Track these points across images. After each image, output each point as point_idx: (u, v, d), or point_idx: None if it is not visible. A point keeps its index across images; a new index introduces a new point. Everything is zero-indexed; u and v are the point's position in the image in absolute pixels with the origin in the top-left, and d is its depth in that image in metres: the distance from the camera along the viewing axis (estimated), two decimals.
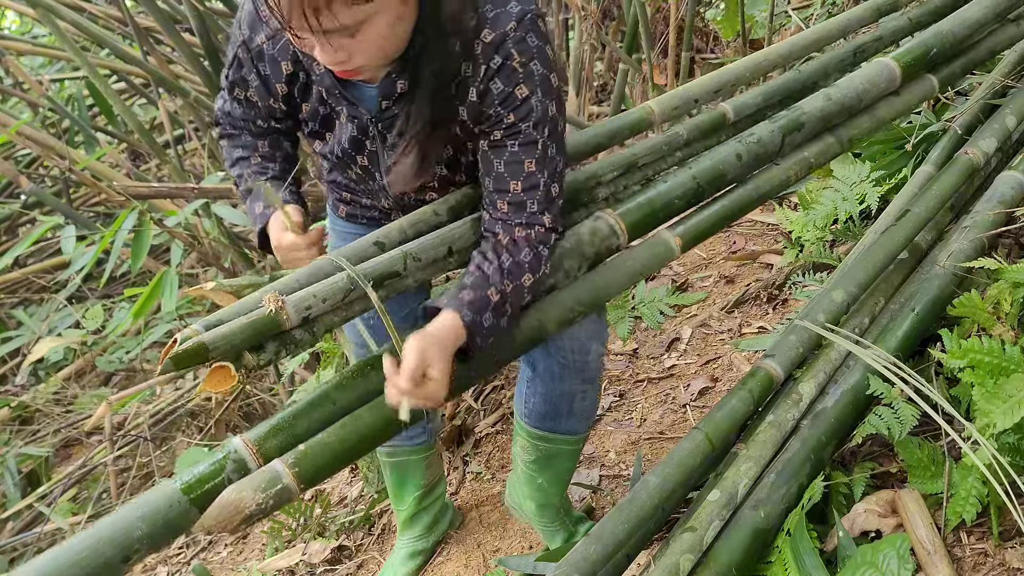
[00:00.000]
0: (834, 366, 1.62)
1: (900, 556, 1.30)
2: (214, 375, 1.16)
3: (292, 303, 1.21)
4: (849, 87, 1.85)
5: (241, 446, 1.22)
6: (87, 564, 1.08)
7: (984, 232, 1.76)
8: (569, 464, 1.82)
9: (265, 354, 1.21)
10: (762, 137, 1.72)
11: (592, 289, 1.50)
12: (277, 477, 1.19)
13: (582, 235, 1.50)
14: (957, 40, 2.05)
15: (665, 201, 1.59)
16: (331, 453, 1.24)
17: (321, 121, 1.43)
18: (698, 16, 3.79)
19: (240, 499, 1.15)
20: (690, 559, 1.36)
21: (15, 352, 4.01)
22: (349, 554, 2.39)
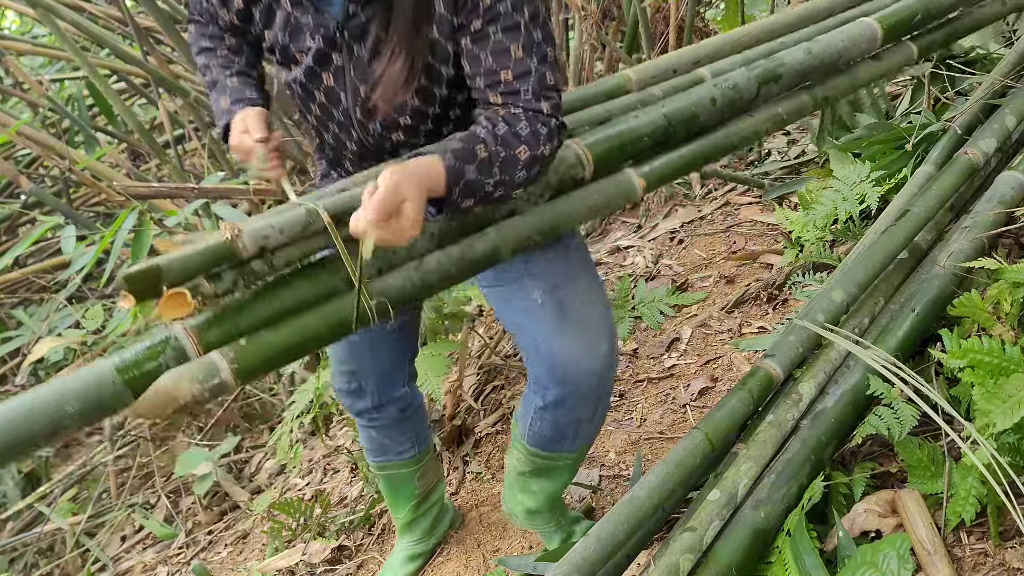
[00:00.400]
0: (834, 366, 1.62)
1: (900, 556, 1.30)
2: (170, 301, 1.15)
3: (249, 232, 1.19)
4: (830, 43, 1.82)
5: (182, 334, 1.19)
6: (15, 431, 1.07)
7: (984, 232, 1.76)
8: (567, 476, 1.79)
9: (223, 283, 1.20)
10: (738, 83, 1.67)
11: (551, 218, 1.47)
12: (215, 370, 1.17)
13: None
14: (943, 8, 2.03)
15: (634, 136, 1.54)
16: (272, 350, 1.22)
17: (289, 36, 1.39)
18: (698, 16, 3.79)
19: (176, 388, 1.13)
20: (690, 559, 1.36)
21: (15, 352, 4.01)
22: (349, 554, 2.39)
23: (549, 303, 1.50)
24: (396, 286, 1.32)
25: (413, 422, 1.96)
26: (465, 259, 1.39)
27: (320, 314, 1.27)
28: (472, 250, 1.39)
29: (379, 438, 1.93)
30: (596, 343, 1.52)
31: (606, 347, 1.53)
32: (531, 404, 1.62)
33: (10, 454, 1.08)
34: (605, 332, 1.54)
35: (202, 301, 1.17)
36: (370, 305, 1.28)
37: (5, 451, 1.07)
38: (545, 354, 1.51)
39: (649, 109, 1.61)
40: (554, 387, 1.54)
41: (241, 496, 3.00)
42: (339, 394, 1.87)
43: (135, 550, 3.00)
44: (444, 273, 1.37)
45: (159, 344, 1.18)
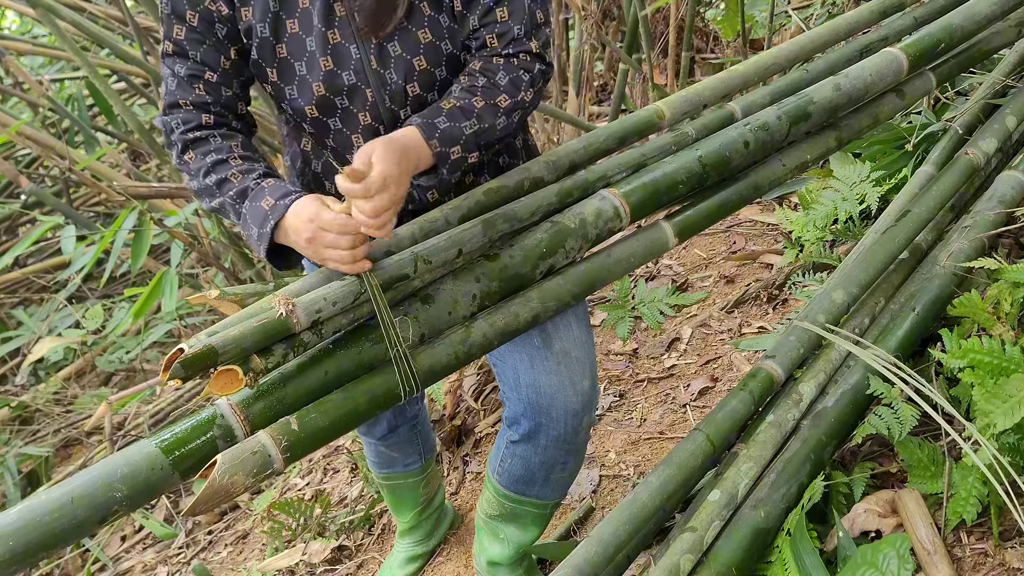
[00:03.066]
0: (834, 366, 1.62)
1: (900, 556, 1.30)
2: (220, 378, 1.14)
3: (302, 305, 1.19)
4: (858, 77, 1.82)
5: (227, 410, 1.19)
6: (64, 520, 1.06)
7: (984, 232, 1.76)
8: (535, 529, 1.72)
9: (273, 357, 1.19)
10: (769, 123, 1.69)
11: (589, 279, 1.48)
12: (268, 461, 1.16)
13: (586, 215, 1.48)
14: (966, 34, 2.03)
15: (670, 184, 1.56)
16: (321, 432, 1.22)
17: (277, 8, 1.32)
18: (698, 16, 3.79)
19: (232, 483, 1.13)
20: (690, 559, 1.36)
21: (15, 352, 4.01)
22: (349, 554, 2.39)
23: (535, 333, 1.47)
24: (441, 359, 1.33)
25: (422, 434, 1.96)
26: (509, 328, 1.40)
27: (366, 387, 1.27)
28: (516, 319, 1.40)
29: (389, 453, 1.92)
30: (578, 379, 1.49)
31: (587, 385, 1.50)
32: (503, 440, 1.59)
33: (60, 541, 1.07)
34: (588, 370, 1.51)
35: (253, 377, 1.16)
36: (415, 376, 1.28)
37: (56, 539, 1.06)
38: (525, 385, 1.48)
39: (683, 153, 1.62)
40: (529, 420, 1.50)
41: (241, 496, 3.00)
42: None
43: (135, 550, 3.00)
44: (486, 344, 1.38)
45: (205, 422, 1.18)
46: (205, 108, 1.35)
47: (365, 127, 1.38)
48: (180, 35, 1.32)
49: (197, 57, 1.33)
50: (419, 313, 1.33)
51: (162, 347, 4.03)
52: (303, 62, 1.33)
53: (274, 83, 1.36)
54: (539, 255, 1.43)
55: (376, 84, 1.35)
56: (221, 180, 1.31)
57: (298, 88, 1.35)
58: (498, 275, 1.40)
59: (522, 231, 1.46)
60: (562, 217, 1.48)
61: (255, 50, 1.34)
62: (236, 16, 1.33)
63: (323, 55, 1.32)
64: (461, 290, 1.37)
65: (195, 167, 1.34)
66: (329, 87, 1.34)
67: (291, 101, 1.37)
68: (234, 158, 1.33)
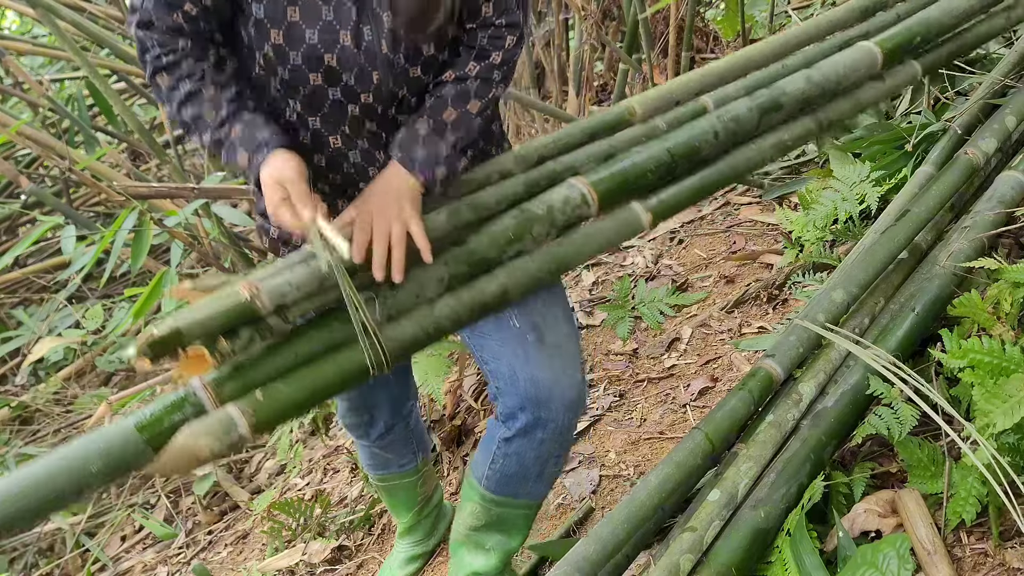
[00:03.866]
0: (834, 366, 1.62)
1: (900, 556, 1.30)
2: (189, 361, 1.19)
3: (267, 290, 1.22)
4: (831, 69, 1.82)
5: (200, 389, 1.22)
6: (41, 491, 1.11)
7: (984, 232, 1.76)
8: (520, 535, 1.69)
9: (240, 340, 1.22)
10: (739, 115, 1.68)
11: (560, 257, 1.48)
12: (232, 424, 1.19)
13: (553, 202, 1.48)
14: (943, 28, 2.03)
15: (638, 172, 1.56)
16: (289, 401, 1.24)
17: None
18: (698, 16, 3.79)
19: (196, 445, 1.16)
20: (690, 559, 1.36)
21: (15, 352, 4.01)
22: (349, 554, 2.39)
23: (528, 329, 1.47)
24: (409, 333, 1.34)
25: (415, 432, 1.95)
26: (476, 303, 1.40)
27: (335, 363, 1.29)
28: (483, 294, 1.40)
29: (383, 454, 1.91)
30: (572, 371, 1.50)
31: (580, 378, 1.51)
32: (493, 440, 1.56)
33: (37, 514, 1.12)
34: (579, 363, 1.53)
35: (220, 357, 1.20)
36: (386, 352, 1.30)
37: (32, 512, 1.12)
38: (523, 379, 1.47)
39: (652, 144, 1.62)
40: (528, 413, 1.49)
41: (241, 496, 3.00)
42: (350, 428, 1.85)
43: (135, 550, 3.00)
44: (456, 318, 1.38)
45: (178, 400, 1.22)
46: (181, 33, 1.31)
47: (364, 105, 1.37)
48: None
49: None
50: (387, 297, 1.33)
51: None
52: (316, 30, 1.29)
53: (276, 45, 1.30)
54: (506, 240, 1.43)
55: (383, 66, 1.34)
56: (196, 116, 1.30)
57: (305, 53, 1.31)
58: (465, 259, 1.40)
59: (489, 219, 1.46)
60: (529, 204, 1.48)
61: (261, 8, 1.28)
62: None
63: (344, 29, 1.29)
64: (428, 275, 1.37)
65: (168, 95, 1.32)
66: (341, 63, 1.32)
67: (293, 67, 1.32)
68: (205, 86, 1.30)
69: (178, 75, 1.31)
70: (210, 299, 1.21)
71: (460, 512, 1.67)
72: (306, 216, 1.23)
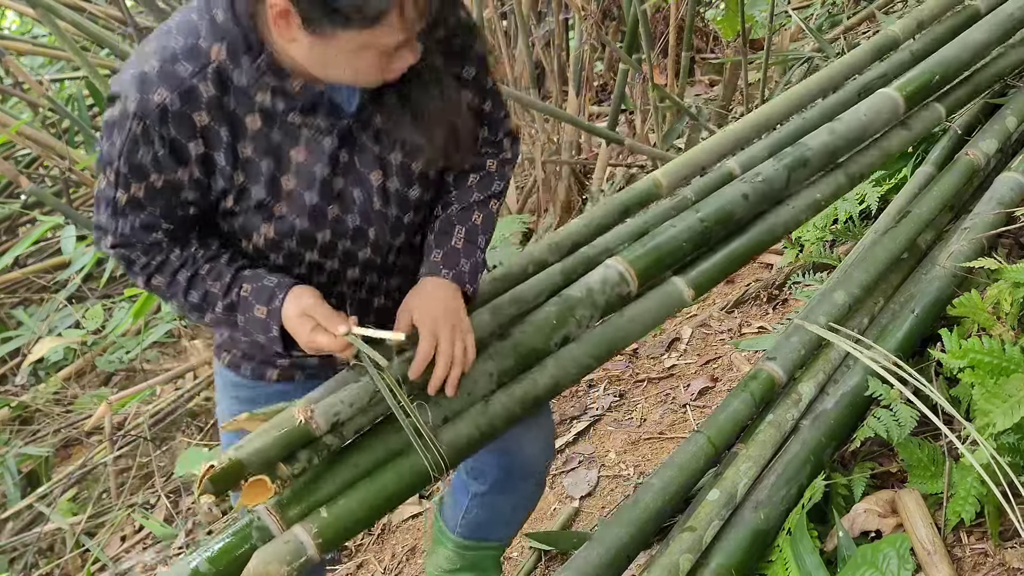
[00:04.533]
0: (833, 366, 1.62)
1: (900, 556, 1.30)
2: (251, 488, 1.20)
3: (321, 411, 1.23)
4: (852, 119, 1.82)
5: (265, 515, 1.24)
6: None
7: (984, 232, 1.76)
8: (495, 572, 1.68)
9: (298, 463, 1.23)
10: (768, 176, 1.68)
11: (607, 341, 1.49)
12: (302, 549, 1.20)
13: (592, 285, 1.49)
14: (961, 65, 2.01)
15: (673, 245, 1.57)
16: (353, 517, 1.25)
17: (272, 169, 1.22)
18: (698, 16, 3.79)
19: (267, 573, 1.17)
20: (689, 559, 1.36)
21: (15, 352, 4.01)
22: (349, 554, 2.40)
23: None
24: (464, 434, 1.34)
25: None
26: (528, 396, 1.40)
27: (395, 472, 1.29)
28: (535, 386, 1.40)
29: None
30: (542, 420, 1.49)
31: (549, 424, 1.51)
32: (464, 494, 1.55)
33: None
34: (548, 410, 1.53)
35: (281, 484, 1.21)
36: (444, 456, 1.30)
37: None
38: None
39: (685, 215, 1.62)
40: (498, 469, 1.48)
41: None
42: None
43: (135, 550, 3.00)
44: (508, 415, 1.38)
45: (244, 528, 1.23)
46: (161, 243, 1.27)
47: (364, 261, 1.34)
48: (139, 192, 1.20)
49: (156, 212, 1.22)
50: (440, 399, 1.32)
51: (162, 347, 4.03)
52: (305, 216, 1.25)
53: (270, 239, 1.27)
54: (551, 327, 1.43)
55: (379, 222, 1.31)
56: (204, 295, 1.27)
57: (298, 239, 1.28)
58: (512, 351, 1.40)
59: (531, 310, 1.47)
60: (569, 290, 1.49)
61: (249, 213, 1.25)
62: (212, 183, 1.22)
63: (330, 204, 1.26)
64: (478, 370, 1.36)
65: (170, 291, 1.29)
66: (336, 233, 1.29)
67: (288, 252, 1.29)
68: (200, 266, 1.27)
69: (172, 270, 1.27)
70: (266, 426, 1.22)
71: (433, 555, 1.66)
72: (341, 330, 1.20)
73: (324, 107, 1.21)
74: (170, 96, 1.13)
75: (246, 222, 1.25)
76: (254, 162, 1.21)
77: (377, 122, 1.25)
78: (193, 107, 1.15)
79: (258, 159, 1.21)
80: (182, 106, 1.14)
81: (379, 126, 1.25)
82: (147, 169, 1.17)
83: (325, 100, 1.20)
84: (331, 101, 1.21)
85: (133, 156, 1.16)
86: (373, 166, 1.27)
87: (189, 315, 1.32)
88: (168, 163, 1.17)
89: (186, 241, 1.28)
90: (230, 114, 1.17)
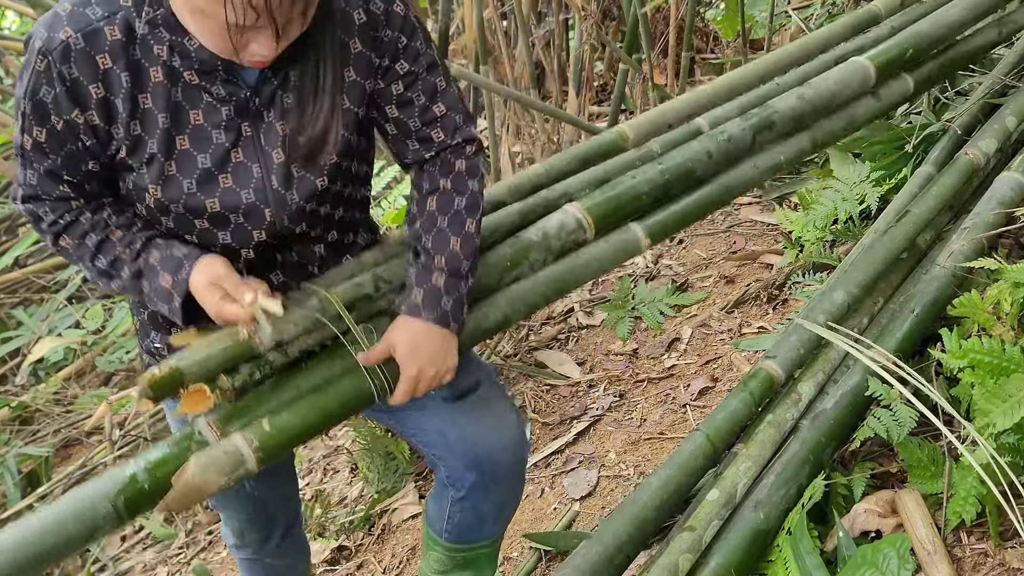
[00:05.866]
0: (833, 366, 1.62)
1: (900, 556, 1.30)
2: (190, 397, 1.21)
3: (266, 328, 1.23)
4: (822, 86, 1.83)
5: (205, 427, 1.24)
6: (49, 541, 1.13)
7: (984, 232, 1.76)
8: (490, 567, 1.66)
9: (239, 375, 1.24)
10: (733, 134, 1.69)
11: (557, 281, 1.49)
12: (241, 459, 1.20)
13: (548, 228, 1.49)
14: (934, 40, 2.03)
15: (632, 195, 1.57)
16: (294, 430, 1.25)
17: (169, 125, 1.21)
18: (698, 16, 3.79)
19: (204, 481, 1.17)
20: (689, 559, 1.36)
21: (15, 352, 4.01)
22: (349, 554, 2.40)
23: (447, 395, 1.44)
24: None
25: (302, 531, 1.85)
26: (479, 329, 1.41)
27: (338, 392, 1.30)
28: (485, 319, 1.41)
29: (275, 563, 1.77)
30: (503, 413, 1.48)
31: (514, 416, 1.49)
32: (445, 499, 1.53)
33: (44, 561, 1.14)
34: (509, 406, 1.51)
35: (220, 394, 1.22)
36: (388, 379, 1.31)
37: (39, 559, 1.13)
38: (455, 440, 1.44)
39: (647, 167, 1.62)
40: (473, 472, 1.46)
41: None
42: (248, 546, 1.74)
43: (135, 550, 3.00)
44: (459, 346, 1.37)
45: (184, 439, 1.23)
46: (69, 199, 1.26)
47: (258, 243, 1.31)
48: (40, 136, 1.19)
49: (58, 161, 1.22)
50: (385, 327, 1.32)
51: None
52: (193, 179, 1.24)
53: (157, 199, 1.25)
54: (503, 268, 1.45)
55: (276, 204, 1.28)
56: (112, 261, 1.26)
57: (185, 204, 1.26)
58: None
59: (486, 248, 1.47)
60: (525, 232, 1.49)
61: (142, 169, 1.23)
62: (112, 132, 1.21)
63: (222, 172, 1.25)
64: None
65: (77, 253, 1.28)
66: (225, 205, 1.26)
67: (176, 215, 1.27)
68: (112, 231, 1.27)
69: (81, 232, 1.27)
70: (211, 338, 1.22)
71: (426, 558, 1.65)
72: (247, 299, 1.19)
73: (220, 71, 1.20)
74: (74, 35, 1.14)
75: (138, 179, 1.24)
76: (152, 114, 1.20)
77: (287, 100, 1.24)
78: (96, 49, 1.15)
79: (157, 111, 1.20)
80: (85, 45, 1.15)
81: (287, 106, 1.24)
82: (48, 109, 1.17)
83: (219, 63, 1.19)
84: (229, 67, 1.20)
85: (35, 95, 1.16)
86: (276, 144, 1.26)
87: (97, 281, 1.32)
88: (67, 104, 1.17)
89: (99, 205, 1.28)
90: (135, 62, 1.18)
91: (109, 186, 1.29)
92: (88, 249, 1.27)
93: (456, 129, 1.35)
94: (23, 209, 1.28)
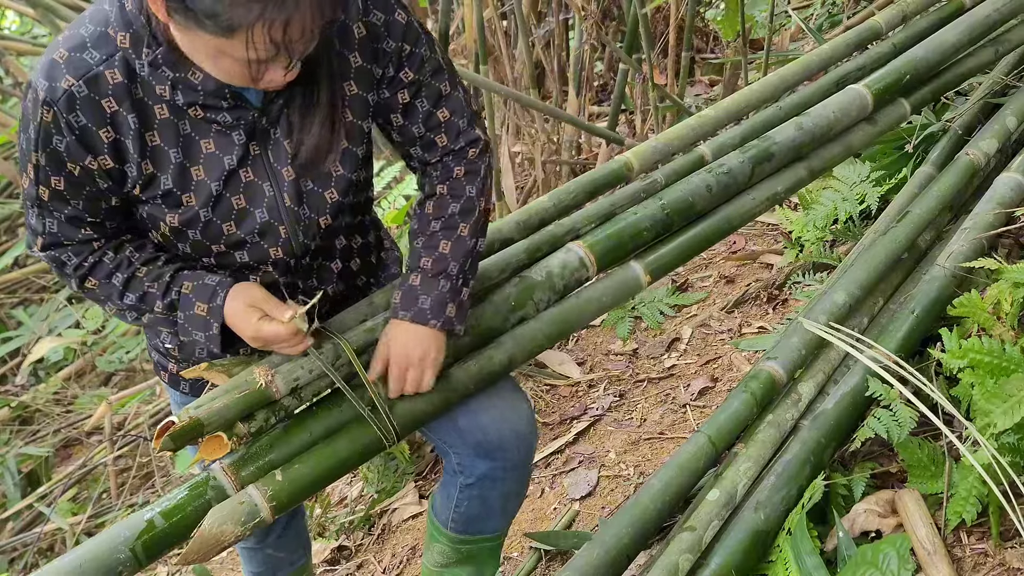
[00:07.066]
0: (834, 366, 1.62)
1: (900, 556, 1.30)
2: (208, 444, 1.25)
3: (282, 375, 1.28)
4: (821, 115, 1.86)
5: (220, 473, 1.28)
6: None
7: (983, 232, 1.76)
8: (493, 564, 1.67)
9: (255, 422, 1.28)
10: (732, 168, 1.73)
11: (562, 321, 1.52)
12: (255, 510, 1.25)
13: (552, 268, 1.53)
14: (930, 66, 2.06)
15: (634, 232, 1.61)
16: (306, 480, 1.30)
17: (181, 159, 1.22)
18: (698, 16, 3.79)
19: (221, 532, 1.23)
20: (689, 559, 1.36)
21: (15, 352, 4.01)
22: (349, 554, 2.40)
23: None
24: (420, 407, 1.37)
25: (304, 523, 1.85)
26: (484, 371, 1.43)
27: (349, 439, 1.34)
28: (491, 362, 1.43)
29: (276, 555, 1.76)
30: (516, 403, 1.49)
31: (526, 406, 1.51)
32: (453, 488, 1.54)
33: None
34: (521, 396, 1.52)
35: (237, 440, 1.27)
36: (395, 427, 1.34)
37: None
38: (467, 430, 1.45)
39: (648, 202, 1.66)
40: (483, 460, 1.47)
41: None
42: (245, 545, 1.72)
43: None
44: (463, 390, 1.41)
45: (199, 485, 1.28)
46: (91, 241, 1.27)
47: (276, 260, 1.33)
48: (59, 185, 1.20)
49: (79, 205, 1.22)
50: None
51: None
52: (209, 207, 1.25)
53: (174, 227, 1.26)
54: (509, 308, 1.48)
55: (290, 221, 1.29)
56: (142, 296, 1.27)
57: (203, 231, 1.27)
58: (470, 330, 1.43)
59: (492, 288, 1.50)
60: (529, 272, 1.52)
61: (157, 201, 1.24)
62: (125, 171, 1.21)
63: (235, 194, 1.25)
64: None
65: (104, 293, 1.29)
66: (241, 226, 1.28)
67: (194, 242, 1.29)
68: (138, 268, 1.27)
69: (106, 272, 1.27)
70: (227, 386, 1.26)
71: (428, 551, 1.66)
72: (287, 316, 1.22)
73: (228, 99, 1.20)
74: (76, 83, 1.13)
75: (153, 210, 1.25)
76: (163, 151, 1.21)
77: (294, 118, 1.25)
78: (100, 94, 1.15)
79: (167, 148, 1.21)
80: (89, 92, 1.14)
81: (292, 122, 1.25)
82: (62, 157, 1.17)
83: (226, 91, 1.19)
84: (236, 93, 1.20)
85: (48, 145, 1.16)
86: (285, 162, 1.26)
87: (124, 316, 1.33)
88: (79, 151, 1.17)
89: (120, 243, 1.29)
90: (139, 102, 1.17)
91: (127, 219, 1.30)
92: (115, 288, 1.27)
93: (459, 133, 1.35)
94: (44, 257, 1.29)
